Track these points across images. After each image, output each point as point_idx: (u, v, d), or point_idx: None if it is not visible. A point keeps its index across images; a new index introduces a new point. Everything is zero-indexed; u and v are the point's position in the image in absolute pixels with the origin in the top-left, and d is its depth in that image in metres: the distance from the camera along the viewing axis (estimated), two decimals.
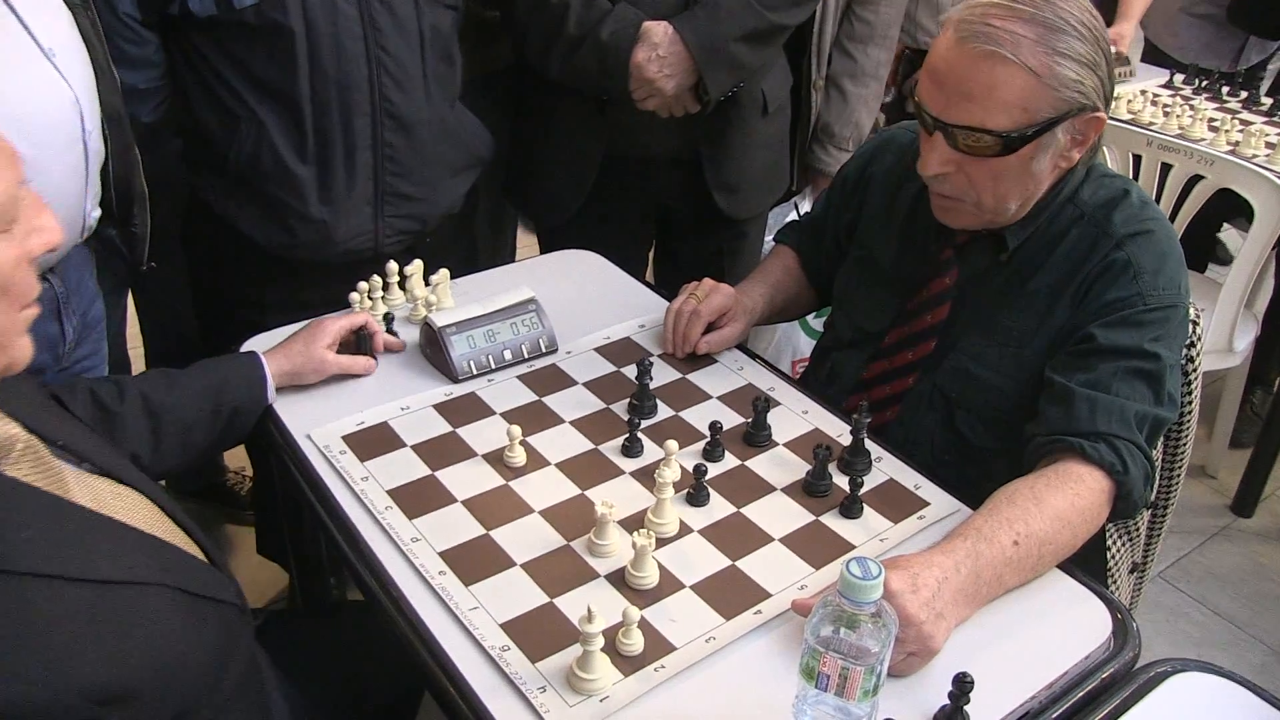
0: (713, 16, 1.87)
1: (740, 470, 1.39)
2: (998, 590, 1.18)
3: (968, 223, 1.42)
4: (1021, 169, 1.32)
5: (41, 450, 0.97)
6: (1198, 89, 3.11)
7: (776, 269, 1.77)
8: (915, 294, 1.52)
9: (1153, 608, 2.48)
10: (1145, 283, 1.34)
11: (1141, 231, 1.37)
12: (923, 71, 1.34)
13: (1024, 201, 1.38)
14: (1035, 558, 1.19)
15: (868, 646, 0.95)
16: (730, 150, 2.08)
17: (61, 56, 1.35)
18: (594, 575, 1.20)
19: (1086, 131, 1.32)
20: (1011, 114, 1.27)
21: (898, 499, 1.35)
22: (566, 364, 1.60)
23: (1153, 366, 1.32)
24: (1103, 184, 1.42)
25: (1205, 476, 2.91)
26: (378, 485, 1.32)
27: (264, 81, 1.66)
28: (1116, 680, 1.13)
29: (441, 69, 1.81)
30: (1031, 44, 1.24)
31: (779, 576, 1.21)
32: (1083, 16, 1.27)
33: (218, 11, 1.59)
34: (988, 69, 1.25)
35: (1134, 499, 1.28)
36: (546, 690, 1.05)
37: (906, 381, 1.52)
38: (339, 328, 1.51)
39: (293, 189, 1.72)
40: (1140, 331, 1.32)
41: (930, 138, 1.35)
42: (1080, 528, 1.24)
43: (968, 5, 1.30)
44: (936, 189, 1.39)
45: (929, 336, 1.51)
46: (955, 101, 1.29)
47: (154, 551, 0.99)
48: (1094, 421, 1.28)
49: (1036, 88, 1.25)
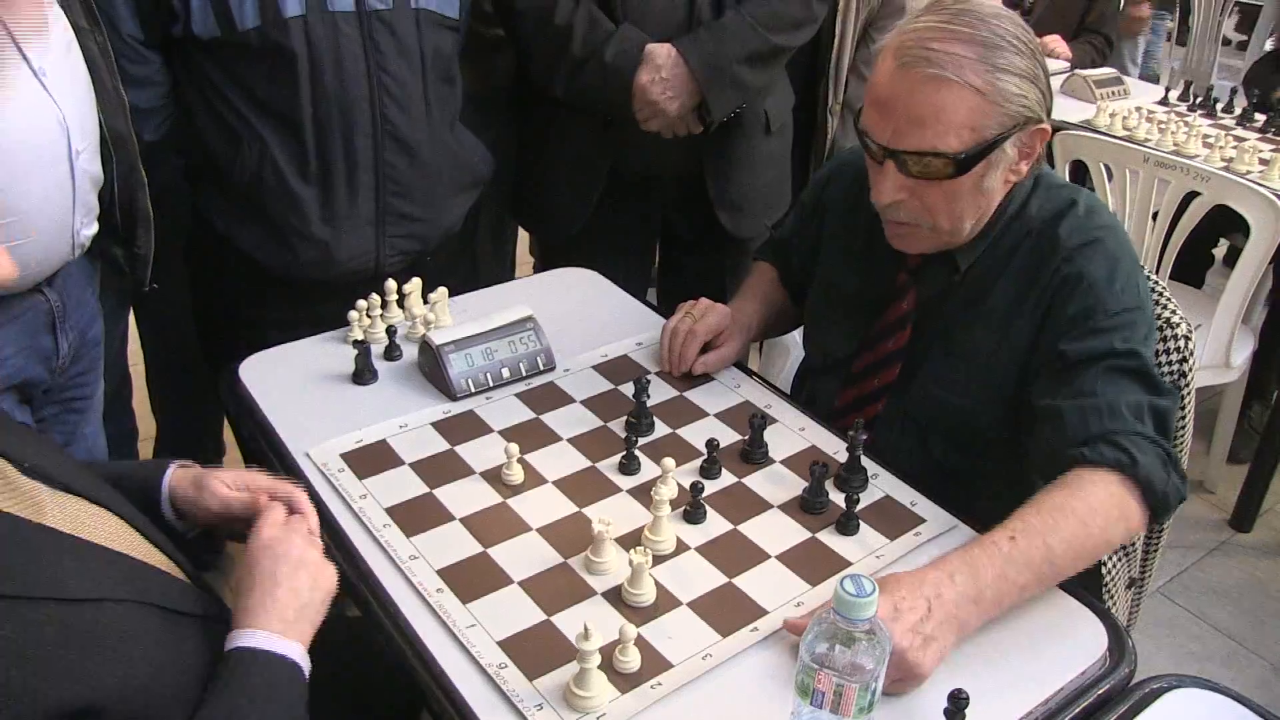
0: (716, 38, 1.89)
1: (737, 487, 1.39)
2: (1009, 590, 1.14)
3: (925, 247, 1.42)
4: (974, 188, 1.33)
5: (10, 472, 0.96)
6: (1192, 105, 3.13)
7: (764, 284, 1.77)
8: (876, 319, 1.53)
9: (1151, 623, 2.48)
10: (1102, 290, 1.33)
11: (1089, 241, 1.37)
12: (866, 101, 1.35)
13: (979, 219, 1.38)
14: (1042, 550, 1.15)
15: (863, 664, 0.95)
16: (734, 169, 2.09)
17: (52, 77, 1.36)
18: (591, 593, 1.21)
19: (1033, 143, 1.34)
20: (961, 135, 1.27)
21: (894, 515, 1.35)
22: (564, 382, 1.60)
23: (1132, 363, 1.31)
24: (1050, 195, 1.42)
25: (1203, 491, 2.92)
26: (376, 503, 1.33)
27: (267, 102, 1.68)
28: (1113, 696, 1.13)
29: (442, 90, 1.82)
30: (973, 63, 1.25)
31: (775, 593, 1.22)
32: (1016, 31, 1.29)
33: (221, 33, 1.61)
34: (933, 92, 1.26)
35: (1158, 489, 1.23)
36: (543, 708, 1.06)
37: (876, 407, 1.53)
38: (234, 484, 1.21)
39: (295, 208, 1.73)
40: (1108, 336, 1.32)
41: (880, 167, 1.35)
42: (1094, 520, 1.18)
43: (903, 31, 1.31)
44: (891, 217, 1.40)
45: (893, 362, 1.51)
46: (903, 128, 1.29)
47: (127, 570, 0.98)
48: (1087, 426, 1.27)
49: (983, 106, 1.26)
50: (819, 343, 1.66)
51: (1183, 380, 1.62)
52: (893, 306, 1.50)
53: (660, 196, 2.16)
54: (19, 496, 0.96)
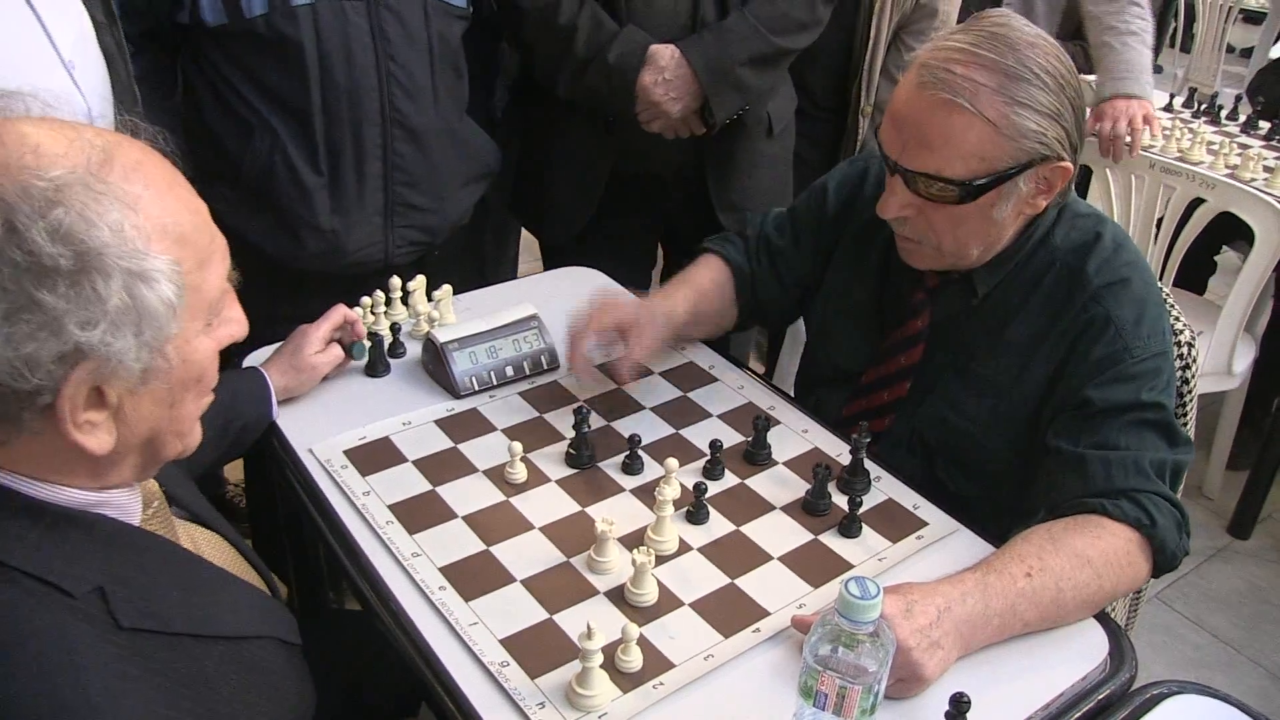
0: (719, 40, 1.89)
1: (740, 488, 1.40)
2: (1013, 623, 1.15)
3: (930, 264, 1.41)
4: (981, 216, 1.31)
5: (159, 499, 0.98)
6: (1196, 112, 3.13)
7: (704, 279, 1.67)
8: (890, 335, 1.52)
9: (1149, 629, 2.48)
10: (1129, 335, 1.31)
11: (1117, 280, 1.34)
12: (885, 113, 1.34)
13: (986, 247, 1.36)
14: (1053, 592, 1.16)
15: (866, 666, 0.95)
16: (736, 170, 2.09)
17: (80, 70, 1.37)
18: (593, 592, 1.21)
19: (1052, 180, 1.30)
20: (968, 163, 1.25)
21: (896, 519, 1.35)
22: (568, 380, 1.60)
23: (1156, 416, 1.30)
24: (1075, 225, 1.39)
25: (1202, 498, 2.91)
26: (379, 500, 1.33)
27: (276, 92, 1.68)
28: (1113, 701, 1.13)
29: (450, 79, 1.83)
30: (990, 93, 1.22)
31: (778, 595, 1.22)
32: (1047, 64, 1.25)
33: (228, 20, 1.62)
34: (944, 117, 1.24)
35: (1169, 550, 1.24)
36: (545, 706, 1.06)
37: (884, 422, 1.51)
38: (322, 334, 1.51)
39: (304, 199, 1.73)
40: (1135, 384, 1.30)
41: (891, 179, 1.34)
42: (1107, 572, 1.19)
43: (933, 47, 1.28)
44: (899, 230, 1.39)
45: (903, 378, 1.50)
46: (913, 147, 1.28)
47: (260, 603, 1.00)
48: (1110, 480, 1.26)
49: (993, 138, 1.24)
50: (828, 354, 1.64)
51: (1185, 388, 1.62)
52: (908, 323, 1.49)
53: (662, 198, 2.16)
54: (169, 527, 0.96)
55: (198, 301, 0.84)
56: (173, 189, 0.83)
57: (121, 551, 0.85)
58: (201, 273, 0.84)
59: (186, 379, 0.85)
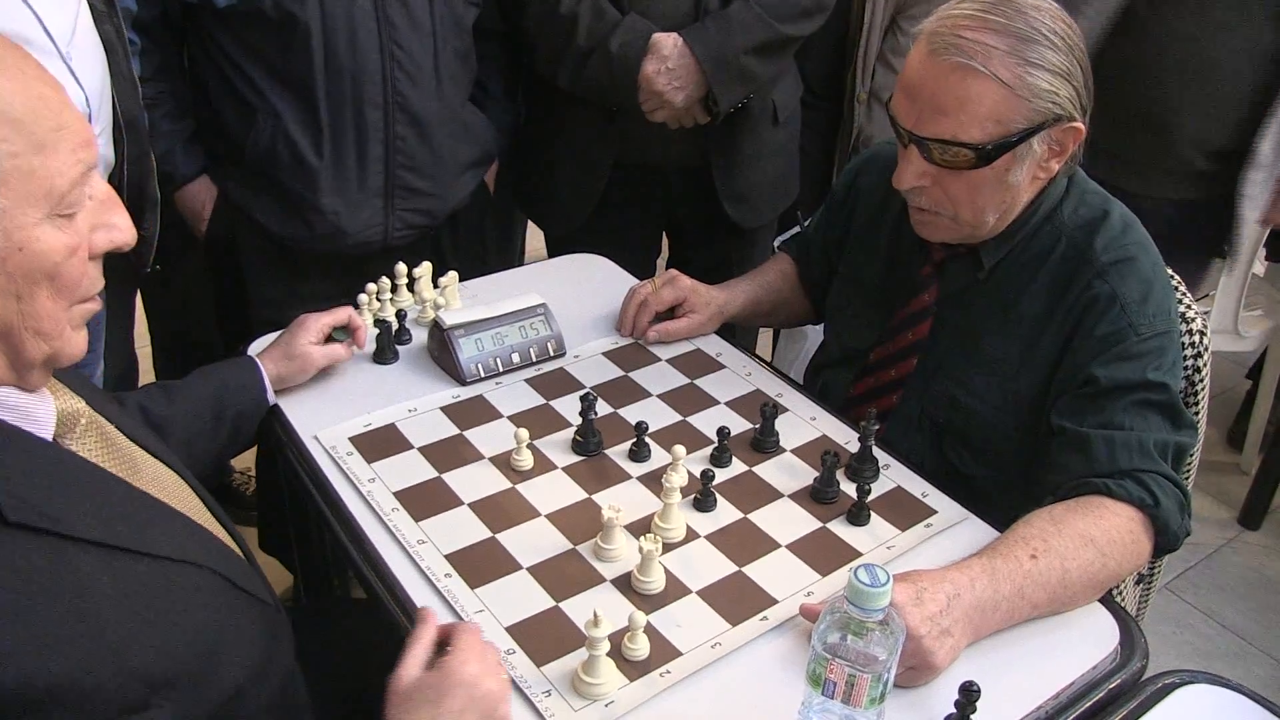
0: (723, 28, 1.87)
1: (747, 476, 1.39)
2: (1022, 606, 1.14)
3: (946, 236, 1.41)
4: (998, 181, 1.31)
5: (109, 429, 0.98)
6: None
7: (772, 272, 1.78)
8: (897, 311, 1.52)
9: (1159, 619, 2.48)
10: (1134, 313, 1.31)
11: (1124, 259, 1.34)
12: (897, 85, 1.34)
13: (1003, 214, 1.36)
14: (1059, 573, 1.15)
15: (875, 654, 0.94)
16: (740, 160, 2.07)
17: (77, 60, 1.37)
18: (600, 580, 1.20)
19: (1064, 141, 1.31)
20: (985, 126, 1.25)
21: (905, 506, 1.34)
22: (574, 368, 1.60)
23: (1161, 396, 1.30)
24: (1084, 201, 1.40)
25: (1210, 490, 2.90)
26: (384, 487, 1.32)
27: (280, 73, 1.70)
28: (1124, 691, 1.12)
29: (455, 65, 1.83)
30: (1003, 55, 1.23)
31: (786, 583, 1.21)
32: (1055, 25, 1.26)
33: (238, 1, 1.63)
34: (959, 81, 1.24)
35: (1172, 530, 1.24)
36: (551, 694, 1.05)
37: (891, 400, 1.51)
38: (322, 325, 1.50)
39: (307, 180, 1.75)
40: (1140, 363, 1.30)
41: (906, 150, 1.34)
42: (1111, 551, 1.19)
43: (939, 17, 1.29)
44: (914, 202, 1.38)
45: (910, 354, 1.50)
46: (928, 115, 1.28)
47: (205, 540, 0.99)
48: (1114, 460, 1.26)
49: (1009, 99, 1.24)
50: (838, 333, 1.65)
51: (1197, 376, 1.61)
52: (915, 299, 1.49)
53: (665, 188, 2.14)
54: (120, 458, 0.97)
55: (32, 186, 0.82)
56: (13, 76, 0.81)
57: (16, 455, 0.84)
58: (39, 157, 0.82)
59: (30, 270, 0.83)
